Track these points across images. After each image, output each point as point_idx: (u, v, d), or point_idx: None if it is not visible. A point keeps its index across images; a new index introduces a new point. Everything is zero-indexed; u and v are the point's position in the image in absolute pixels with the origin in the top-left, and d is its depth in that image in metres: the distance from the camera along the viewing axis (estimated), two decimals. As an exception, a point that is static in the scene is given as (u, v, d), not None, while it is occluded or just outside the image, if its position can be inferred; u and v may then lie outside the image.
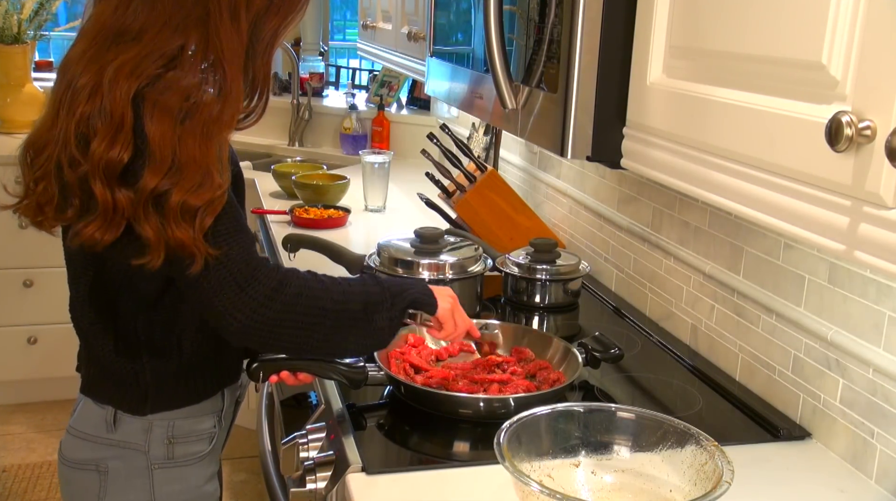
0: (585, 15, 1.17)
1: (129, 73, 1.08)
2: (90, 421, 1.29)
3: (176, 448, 1.29)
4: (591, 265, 2.04)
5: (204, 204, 1.09)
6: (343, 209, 2.58)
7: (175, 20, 1.12)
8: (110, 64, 1.09)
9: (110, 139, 1.07)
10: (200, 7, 1.12)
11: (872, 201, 0.75)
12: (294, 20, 1.23)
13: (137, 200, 1.08)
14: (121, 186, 1.08)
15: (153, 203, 1.08)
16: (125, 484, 1.28)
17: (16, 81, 3.55)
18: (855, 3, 0.76)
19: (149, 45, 1.11)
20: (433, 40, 1.93)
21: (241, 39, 1.15)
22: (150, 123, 1.07)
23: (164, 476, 1.29)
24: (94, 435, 1.28)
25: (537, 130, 1.32)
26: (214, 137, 1.12)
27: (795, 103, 0.85)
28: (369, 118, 3.63)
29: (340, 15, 5.38)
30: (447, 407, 1.35)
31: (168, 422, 1.28)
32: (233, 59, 1.14)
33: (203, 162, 1.10)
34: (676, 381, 1.55)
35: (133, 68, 1.09)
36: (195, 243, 1.09)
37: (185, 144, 1.09)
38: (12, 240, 3.20)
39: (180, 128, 1.09)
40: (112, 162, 1.07)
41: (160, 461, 1.29)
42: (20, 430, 3.32)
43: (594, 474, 1.12)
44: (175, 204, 1.08)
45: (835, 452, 1.30)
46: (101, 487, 1.28)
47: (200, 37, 1.13)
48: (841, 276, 1.28)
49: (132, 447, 1.28)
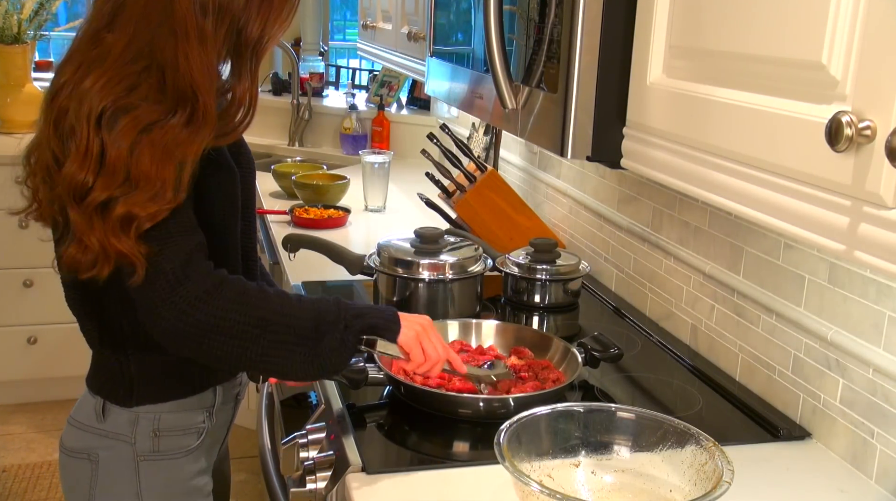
0: (585, 15, 1.17)
1: (97, 93, 1.09)
2: (84, 411, 1.32)
3: (162, 442, 1.30)
4: (591, 265, 2.04)
5: (147, 215, 1.09)
6: (343, 209, 2.58)
7: (140, 40, 1.12)
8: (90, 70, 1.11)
9: (80, 163, 1.09)
10: (165, 28, 1.11)
11: (872, 201, 0.75)
12: (283, 24, 1.20)
13: (84, 213, 1.09)
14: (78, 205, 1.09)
15: (99, 212, 1.08)
16: (114, 474, 1.30)
17: (16, 81, 3.55)
18: (855, 3, 0.76)
19: (115, 65, 1.11)
20: (433, 40, 1.93)
21: (209, 61, 1.13)
22: (108, 142, 1.08)
23: (149, 469, 1.30)
24: (87, 425, 1.30)
25: (537, 130, 1.32)
26: (176, 157, 1.11)
27: (795, 103, 0.85)
28: (369, 118, 3.63)
29: (340, 15, 5.38)
30: (447, 407, 1.35)
31: (154, 415, 1.29)
32: (202, 81, 1.12)
33: (158, 179, 1.09)
34: (676, 381, 1.55)
35: (99, 90, 1.10)
36: (134, 252, 1.09)
37: (141, 162, 1.08)
38: (12, 240, 3.20)
39: (138, 147, 1.08)
40: (80, 186, 1.08)
41: (146, 453, 1.29)
42: (20, 430, 3.32)
43: (594, 474, 1.12)
44: (118, 214, 1.08)
45: (835, 452, 1.30)
46: (93, 476, 1.30)
47: (167, 59, 1.11)
48: (841, 276, 1.28)
49: (120, 438, 1.29)
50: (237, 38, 1.16)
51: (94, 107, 1.08)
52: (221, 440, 1.44)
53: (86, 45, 1.14)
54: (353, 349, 1.19)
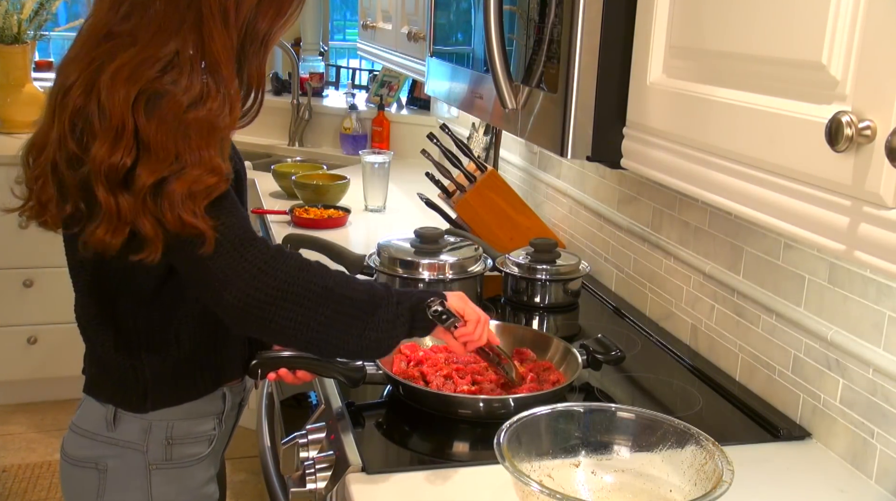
0: (585, 15, 1.17)
1: (127, 77, 1.09)
2: (91, 419, 1.30)
3: (174, 450, 1.29)
4: (591, 265, 2.04)
5: (204, 188, 1.10)
6: (343, 209, 2.58)
7: (169, 25, 1.12)
8: (104, 65, 1.10)
9: (111, 144, 1.08)
10: (193, 11, 1.13)
11: (872, 201, 0.75)
12: (289, 20, 1.23)
13: (136, 200, 1.08)
14: (122, 190, 1.09)
15: (151, 195, 1.08)
16: (123, 484, 1.29)
17: (16, 81, 3.54)
18: (855, 3, 0.76)
19: (145, 50, 1.11)
20: (433, 40, 1.93)
21: (232, 42, 1.16)
22: (150, 126, 1.08)
23: (161, 477, 1.29)
24: (95, 433, 1.29)
25: (537, 130, 1.32)
26: (216, 136, 1.12)
27: (795, 103, 0.85)
28: (369, 118, 3.63)
29: (340, 15, 5.38)
30: (447, 407, 1.35)
31: (167, 423, 1.28)
32: (227, 62, 1.15)
33: (208, 156, 1.10)
34: (676, 381, 1.55)
35: (130, 73, 1.09)
36: (201, 221, 1.09)
37: (191, 142, 1.09)
38: (12, 240, 3.20)
39: (183, 127, 1.09)
40: (114, 167, 1.08)
41: (158, 462, 1.29)
42: (20, 430, 3.32)
43: (594, 474, 1.12)
44: (175, 191, 1.08)
45: (835, 452, 1.30)
46: (100, 485, 1.28)
47: (195, 41, 1.13)
48: (841, 276, 1.28)
49: (131, 446, 1.28)
50: (247, 29, 1.18)
51: (129, 92, 1.08)
52: (225, 446, 1.44)
53: (94, 42, 1.14)
54: (404, 324, 1.22)
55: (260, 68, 1.22)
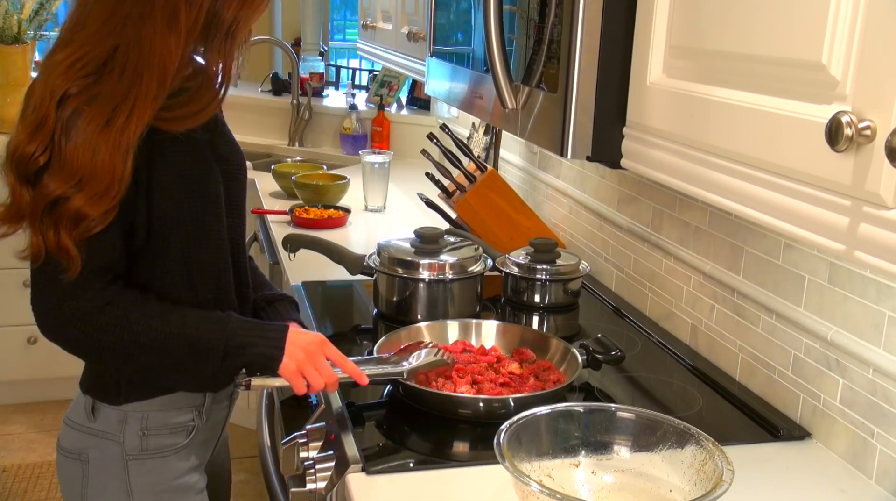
0: (585, 15, 1.17)
1: (63, 72, 1.10)
2: (76, 410, 1.33)
3: (150, 440, 1.30)
4: (591, 265, 2.04)
5: (98, 215, 1.11)
6: (343, 209, 2.58)
7: (113, 20, 1.12)
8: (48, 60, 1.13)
9: (30, 133, 1.10)
10: (138, 7, 1.12)
11: (872, 201, 0.75)
12: (258, 7, 1.20)
13: (35, 205, 1.10)
14: (28, 188, 1.11)
15: (49, 207, 1.10)
16: (104, 474, 1.30)
17: (16, 81, 3.54)
18: (855, 3, 0.76)
19: (84, 46, 1.12)
20: (433, 40, 1.93)
21: (177, 42, 1.13)
22: (69, 132, 1.09)
23: (138, 468, 1.30)
24: (79, 424, 1.31)
25: (537, 130, 1.32)
26: (131, 147, 1.12)
27: (795, 103, 0.85)
28: (369, 118, 3.63)
29: (340, 15, 5.38)
30: (447, 407, 1.35)
31: (142, 414, 1.29)
32: (161, 65, 1.12)
33: (113, 172, 1.10)
34: (676, 381, 1.55)
35: (67, 68, 1.11)
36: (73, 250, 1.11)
37: (100, 154, 1.09)
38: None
39: (98, 139, 1.09)
40: (26, 158, 1.10)
41: (135, 452, 1.29)
42: (20, 430, 3.32)
43: (594, 474, 1.12)
44: (71, 210, 1.09)
45: (835, 452, 1.30)
46: (84, 476, 1.31)
47: (132, 40, 1.12)
48: (841, 276, 1.28)
49: (108, 437, 1.29)
50: (211, 20, 1.16)
51: (57, 87, 1.09)
52: (216, 438, 1.44)
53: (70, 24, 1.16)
54: (229, 379, 1.26)
55: (226, 60, 1.19)
